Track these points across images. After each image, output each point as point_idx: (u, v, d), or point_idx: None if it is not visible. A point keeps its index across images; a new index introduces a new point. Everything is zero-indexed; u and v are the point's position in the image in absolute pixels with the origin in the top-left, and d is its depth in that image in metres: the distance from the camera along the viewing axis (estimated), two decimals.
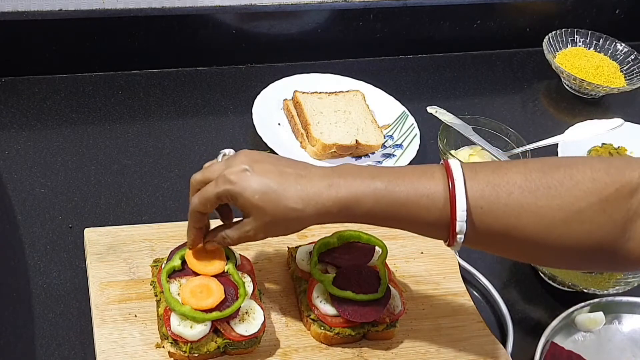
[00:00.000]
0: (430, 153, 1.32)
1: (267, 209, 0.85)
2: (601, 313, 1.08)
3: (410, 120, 1.35)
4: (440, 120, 1.29)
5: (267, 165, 0.87)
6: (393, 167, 0.95)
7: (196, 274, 0.93)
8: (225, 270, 0.94)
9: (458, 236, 0.83)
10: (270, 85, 1.35)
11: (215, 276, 0.93)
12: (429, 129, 1.33)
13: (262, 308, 0.93)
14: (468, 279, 1.10)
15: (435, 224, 0.84)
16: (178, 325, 0.89)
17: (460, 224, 0.82)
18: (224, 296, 0.91)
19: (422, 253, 1.10)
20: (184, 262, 0.94)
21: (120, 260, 0.99)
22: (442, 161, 0.85)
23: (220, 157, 0.93)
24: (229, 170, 0.86)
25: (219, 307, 0.90)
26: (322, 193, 0.85)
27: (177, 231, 1.03)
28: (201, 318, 0.89)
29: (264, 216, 0.85)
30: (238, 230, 0.89)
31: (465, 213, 0.81)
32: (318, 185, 0.85)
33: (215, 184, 0.87)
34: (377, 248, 1.02)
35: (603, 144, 1.41)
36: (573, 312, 1.06)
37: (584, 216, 0.81)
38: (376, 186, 0.84)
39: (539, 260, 0.93)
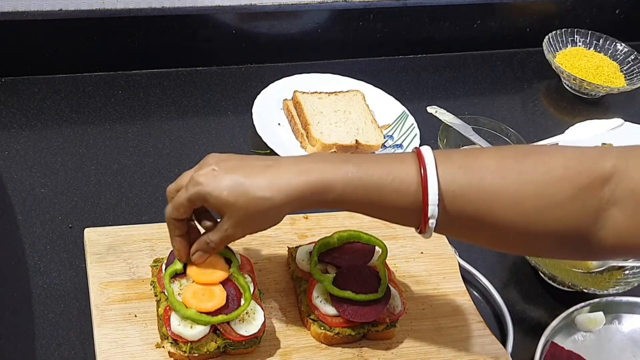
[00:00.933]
0: None
1: (237, 203, 0.84)
2: (601, 313, 1.08)
3: (410, 120, 1.35)
4: (440, 120, 1.29)
5: (233, 162, 0.86)
6: (367, 154, 0.94)
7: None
8: (231, 274, 0.94)
9: (430, 221, 0.82)
10: (270, 85, 1.35)
11: None
12: (429, 129, 1.33)
13: (262, 308, 0.93)
14: (468, 279, 1.10)
15: (406, 209, 0.83)
16: (178, 325, 0.89)
17: (432, 207, 0.81)
18: (226, 299, 0.91)
19: (422, 253, 1.10)
20: (185, 265, 0.94)
21: (120, 260, 0.99)
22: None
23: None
24: (197, 173, 0.86)
25: (222, 309, 0.90)
26: (291, 180, 0.83)
27: None
28: (206, 321, 0.89)
29: (237, 211, 0.85)
30: (217, 232, 0.89)
31: (437, 197, 0.81)
32: (288, 173, 0.84)
33: (186, 188, 0.87)
34: (377, 248, 1.02)
35: (603, 143, 1.41)
36: (573, 312, 1.06)
37: (555, 203, 0.80)
38: (347, 169, 0.83)
39: (511, 247, 0.91)
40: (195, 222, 0.93)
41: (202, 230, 0.93)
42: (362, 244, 1.02)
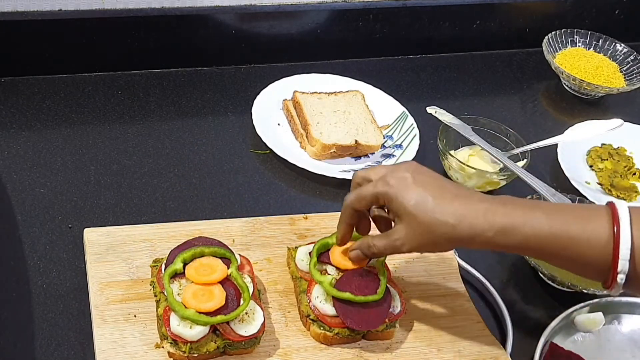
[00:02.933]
0: (429, 153, 1.32)
1: (419, 217, 0.86)
2: (600, 313, 1.08)
3: (410, 120, 1.35)
4: (439, 120, 1.29)
5: (428, 178, 0.88)
6: (559, 203, 0.97)
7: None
8: (229, 274, 0.94)
9: (619, 276, 0.82)
10: (270, 85, 1.35)
11: None
12: (429, 129, 1.33)
13: (262, 308, 0.93)
14: (468, 279, 1.10)
15: (593, 263, 0.84)
16: (177, 326, 0.89)
17: (623, 262, 0.81)
18: (225, 299, 0.91)
19: (422, 253, 1.10)
20: (185, 265, 0.94)
21: (120, 260, 0.99)
22: (607, 202, 0.86)
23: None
24: (391, 175, 0.88)
25: (221, 309, 0.90)
26: (478, 214, 0.85)
27: (177, 231, 1.04)
28: (205, 321, 0.89)
29: (416, 225, 0.86)
30: (386, 238, 0.90)
31: (629, 251, 0.81)
32: (476, 207, 0.86)
33: (375, 184, 0.89)
34: None
35: (602, 144, 1.41)
36: (572, 312, 1.06)
37: None
38: (536, 216, 0.84)
39: None
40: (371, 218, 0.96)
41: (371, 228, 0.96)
42: None
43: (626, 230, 0.81)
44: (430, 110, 1.31)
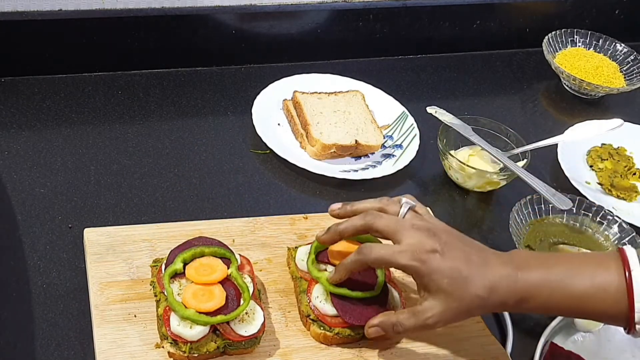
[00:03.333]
0: (430, 153, 1.32)
1: (454, 295, 0.86)
2: None
3: (410, 120, 1.35)
4: (439, 120, 1.29)
5: (456, 252, 0.88)
6: (567, 256, 0.98)
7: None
8: (229, 274, 0.94)
9: (637, 326, 0.84)
10: (270, 85, 1.35)
11: None
12: (429, 129, 1.33)
13: (262, 308, 0.93)
14: None
15: (610, 313, 0.86)
16: (177, 326, 0.89)
17: (639, 314, 0.83)
18: (225, 299, 0.91)
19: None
20: (185, 265, 0.94)
21: (120, 260, 0.99)
22: (617, 249, 0.88)
23: (404, 208, 0.93)
24: (420, 248, 0.87)
25: (221, 309, 0.90)
26: (502, 283, 0.87)
27: (177, 231, 1.04)
28: (205, 321, 0.89)
29: (451, 302, 0.87)
30: (415, 317, 0.89)
31: None
32: (499, 274, 0.87)
33: (403, 253, 0.88)
34: None
35: (603, 144, 1.41)
36: None
37: None
38: (551, 279, 0.87)
39: None
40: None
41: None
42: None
43: (638, 278, 0.83)
44: (430, 110, 1.31)
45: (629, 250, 0.86)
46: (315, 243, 1.00)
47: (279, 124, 1.31)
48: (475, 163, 1.26)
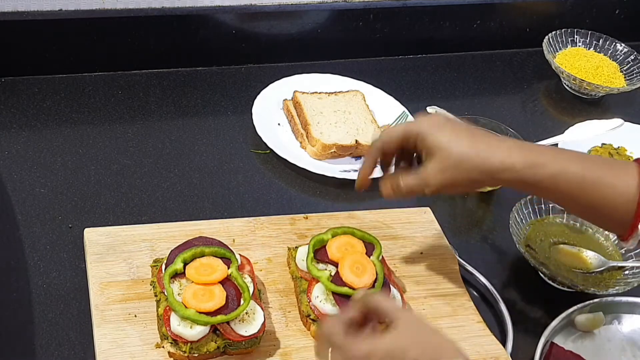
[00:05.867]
0: None
1: (453, 151, 0.88)
2: (601, 313, 1.08)
3: (410, 120, 1.35)
4: None
5: (459, 124, 0.92)
6: (584, 154, 0.99)
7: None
8: (230, 274, 0.94)
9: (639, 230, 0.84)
10: (270, 85, 1.35)
11: None
12: None
13: (262, 308, 0.93)
14: (468, 279, 1.10)
15: (616, 212, 0.85)
16: (178, 325, 0.89)
17: None
18: (225, 299, 0.91)
19: (422, 253, 1.10)
20: (185, 265, 0.94)
21: (120, 260, 0.99)
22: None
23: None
24: (423, 117, 0.93)
25: (221, 309, 0.90)
26: (511, 151, 0.88)
27: (177, 231, 1.04)
28: (205, 321, 0.89)
29: (448, 158, 0.89)
30: (415, 175, 0.93)
31: None
32: (507, 144, 0.89)
33: (406, 124, 0.94)
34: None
35: (603, 144, 1.41)
36: (573, 312, 1.06)
37: None
38: (567, 157, 0.87)
39: None
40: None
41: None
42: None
43: None
44: (431, 110, 1.31)
45: None
46: (312, 242, 1.00)
47: (279, 124, 1.31)
48: None
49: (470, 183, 0.91)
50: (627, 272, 1.13)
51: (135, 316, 0.94)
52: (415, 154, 0.96)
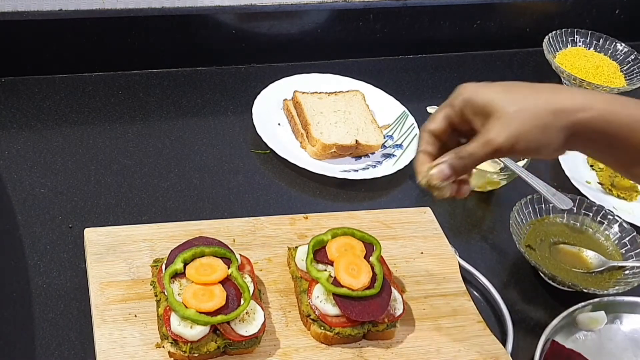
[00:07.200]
0: None
1: (515, 95, 0.79)
2: (602, 312, 1.08)
3: (410, 120, 1.35)
4: None
5: (503, 82, 0.83)
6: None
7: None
8: (230, 274, 0.94)
9: None
10: (270, 85, 1.35)
11: None
12: None
13: (262, 308, 0.93)
14: (468, 279, 1.10)
15: None
16: (178, 325, 0.89)
17: None
18: (225, 299, 0.91)
19: (422, 253, 1.10)
20: (185, 265, 0.94)
21: (120, 260, 0.99)
22: None
23: None
24: (463, 86, 0.83)
25: (221, 309, 0.90)
26: (559, 94, 0.79)
27: (177, 231, 1.04)
28: (205, 321, 0.89)
29: (512, 104, 0.78)
30: (476, 140, 0.80)
31: None
32: (555, 90, 0.80)
33: (448, 100, 0.83)
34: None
35: None
36: (574, 311, 1.06)
37: None
38: (611, 100, 0.79)
39: None
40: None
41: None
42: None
43: None
44: (431, 110, 1.31)
45: None
46: (312, 242, 1.00)
47: (279, 124, 1.30)
48: None
49: (541, 131, 0.78)
50: (627, 271, 1.13)
51: (135, 316, 0.93)
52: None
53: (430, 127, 0.84)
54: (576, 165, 1.35)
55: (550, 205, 1.19)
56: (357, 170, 1.24)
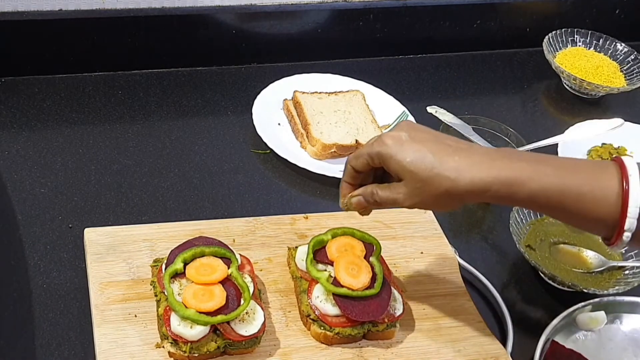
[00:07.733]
0: None
1: (419, 174, 0.83)
2: (602, 312, 1.08)
3: (411, 120, 1.35)
4: (440, 120, 1.29)
5: (424, 134, 0.86)
6: (559, 157, 0.92)
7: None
8: (230, 274, 0.94)
9: (625, 234, 0.80)
10: (270, 85, 1.35)
11: None
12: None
13: (262, 308, 0.93)
14: (468, 279, 1.10)
15: (601, 220, 0.81)
16: (178, 325, 0.89)
17: (631, 221, 0.78)
18: (225, 299, 0.91)
19: (422, 253, 1.10)
20: (185, 265, 0.94)
21: (120, 260, 0.99)
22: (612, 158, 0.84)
23: None
24: (387, 134, 0.86)
25: (221, 309, 0.90)
26: (481, 168, 0.82)
27: (177, 231, 1.04)
28: (205, 321, 0.89)
29: (416, 181, 0.83)
30: (389, 190, 0.87)
31: (638, 209, 0.78)
32: (479, 160, 0.82)
33: (370, 144, 0.87)
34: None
35: (603, 144, 1.41)
36: (574, 311, 1.06)
37: None
38: (544, 171, 0.81)
39: None
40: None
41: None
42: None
43: (636, 188, 0.78)
44: (431, 109, 1.31)
45: (627, 160, 0.81)
46: (312, 242, 1.00)
47: (279, 124, 1.31)
48: None
49: (444, 204, 0.85)
50: (627, 271, 1.13)
51: (135, 316, 0.93)
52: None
53: (352, 164, 0.90)
54: None
55: None
56: None
